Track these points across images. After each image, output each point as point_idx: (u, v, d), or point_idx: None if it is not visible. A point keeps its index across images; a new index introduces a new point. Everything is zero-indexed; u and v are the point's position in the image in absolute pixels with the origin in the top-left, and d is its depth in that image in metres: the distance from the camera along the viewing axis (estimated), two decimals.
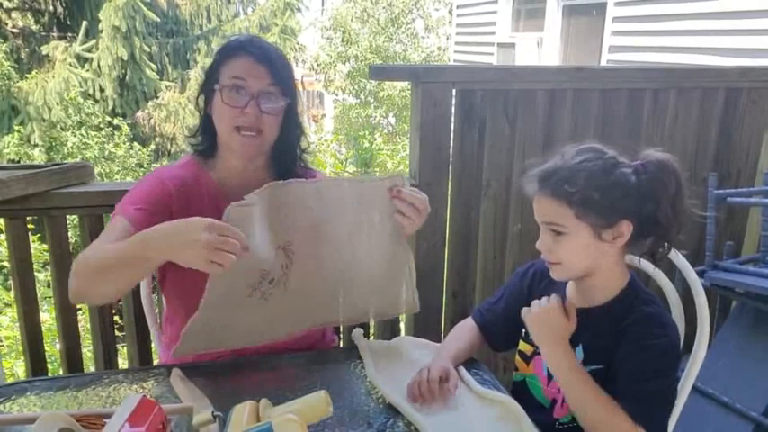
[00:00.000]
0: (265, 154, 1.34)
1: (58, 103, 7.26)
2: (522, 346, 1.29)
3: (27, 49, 8.28)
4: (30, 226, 1.70)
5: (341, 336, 1.76)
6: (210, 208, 1.26)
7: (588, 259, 1.13)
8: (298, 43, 9.20)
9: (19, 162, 6.67)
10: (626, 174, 1.08)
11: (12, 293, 3.67)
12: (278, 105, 1.28)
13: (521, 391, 1.27)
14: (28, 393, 1.14)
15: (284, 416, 0.87)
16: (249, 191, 1.24)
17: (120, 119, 7.74)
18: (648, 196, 1.08)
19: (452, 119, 1.92)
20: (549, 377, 1.21)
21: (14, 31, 8.26)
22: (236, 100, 1.25)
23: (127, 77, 7.89)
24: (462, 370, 1.26)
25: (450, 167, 1.96)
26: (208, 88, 1.30)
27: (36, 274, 3.81)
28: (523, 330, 1.28)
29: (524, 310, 1.19)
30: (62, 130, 7.34)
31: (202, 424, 0.93)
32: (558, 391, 1.20)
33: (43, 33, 8.40)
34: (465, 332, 1.35)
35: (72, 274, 1.15)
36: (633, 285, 1.18)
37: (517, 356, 1.30)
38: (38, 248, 3.59)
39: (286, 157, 1.37)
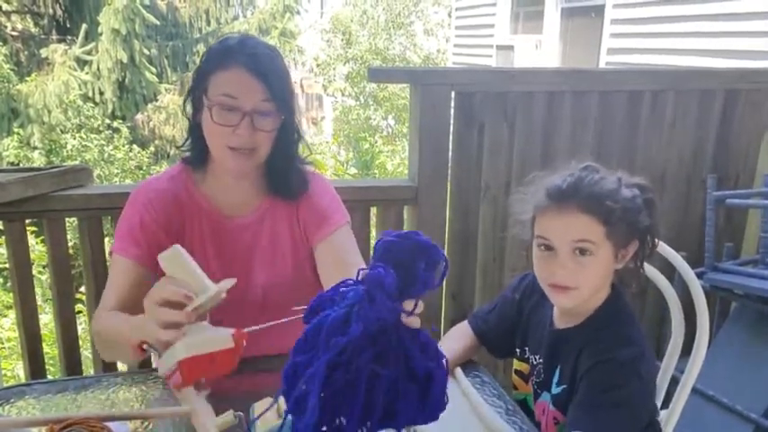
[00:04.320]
0: (258, 168, 1.28)
1: (57, 106, 7.25)
2: (518, 365, 1.25)
3: (27, 52, 8.28)
4: (33, 228, 1.69)
5: None
6: (208, 230, 1.28)
7: (599, 283, 1.08)
8: (297, 46, 9.19)
9: (18, 165, 6.68)
10: (633, 193, 1.06)
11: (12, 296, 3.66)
12: (273, 123, 1.21)
13: (523, 411, 1.21)
14: (26, 396, 1.14)
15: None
16: (242, 209, 1.29)
17: (120, 121, 7.74)
18: (647, 215, 1.07)
19: (451, 121, 1.92)
20: (536, 396, 1.18)
21: (14, 33, 8.26)
22: (228, 119, 1.17)
23: (126, 80, 7.88)
24: (460, 374, 1.24)
25: (450, 169, 1.96)
26: (196, 96, 1.22)
27: (40, 276, 3.77)
28: (518, 350, 1.25)
29: None
30: (62, 132, 7.33)
31: (224, 426, 0.93)
32: (542, 413, 1.16)
33: (43, 36, 8.40)
34: (461, 334, 1.34)
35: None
36: (612, 302, 1.12)
37: (514, 375, 1.26)
38: (41, 250, 3.59)
39: (279, 172, 1.30)
